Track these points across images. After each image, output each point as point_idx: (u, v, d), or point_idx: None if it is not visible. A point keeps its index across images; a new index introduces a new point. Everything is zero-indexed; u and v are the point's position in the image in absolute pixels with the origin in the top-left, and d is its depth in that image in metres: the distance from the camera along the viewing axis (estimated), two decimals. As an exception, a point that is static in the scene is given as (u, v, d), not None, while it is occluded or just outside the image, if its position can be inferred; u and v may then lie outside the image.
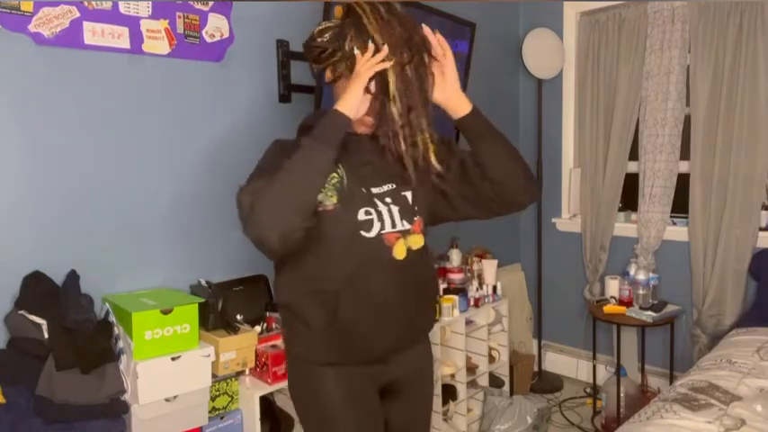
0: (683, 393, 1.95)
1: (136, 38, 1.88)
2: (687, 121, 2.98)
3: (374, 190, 1.30)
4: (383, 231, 1.28)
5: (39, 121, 1.73)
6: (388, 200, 1.30)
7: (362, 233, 1.26)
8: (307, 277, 1.29)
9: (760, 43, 2.70)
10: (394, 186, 1.32)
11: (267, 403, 2.00)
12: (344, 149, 1.26)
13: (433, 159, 1.27)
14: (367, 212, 1.27)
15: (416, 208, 1.34)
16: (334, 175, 1.26)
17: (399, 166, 1.28)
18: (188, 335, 1.75)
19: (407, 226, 1.31)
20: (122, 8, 1.84)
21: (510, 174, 1.32)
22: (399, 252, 1.29)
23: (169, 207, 2.01)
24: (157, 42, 1.93)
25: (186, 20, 1.99)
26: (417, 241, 1.33)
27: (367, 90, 1.21)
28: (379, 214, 1.28)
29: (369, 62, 1.18)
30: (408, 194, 1.33)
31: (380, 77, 1.21)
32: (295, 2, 2.30)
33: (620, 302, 2.96)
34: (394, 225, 1.29)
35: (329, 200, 1.25)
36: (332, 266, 1.27)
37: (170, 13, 1.95)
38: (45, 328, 1.61)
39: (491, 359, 2.94)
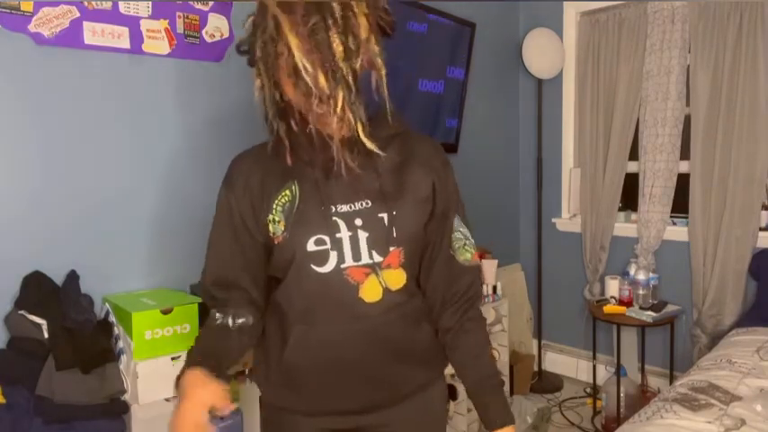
0: (683, 393, 1.95)
1: (136, 38, 1.88)
2: (687, 121, 2.98)
3: (340, 207, 1.02)
4: (343, 266, 1.00)
5: (38, 121, 1.73)
6: (357, 221, 1.01)
7: (314, 267, 1.00)
8: (277, 303, 1.11)
9: (760, 43, 2.70)
10: (368, 204, 1.02)
11: (267, 403, 2.00)
12: (311, 155, 1.02)
13: (364, 139, 0.95)
14: (319, 241, 1.00)
15: (395, 234, 1.02)
16: (286, 193, 1.03)
17: (384, 176, 1.05)
18: (188, 335, 1.75)
19: (378, 258, 1.02)
20: (122, 8, 1.84)
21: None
22: (370, 293, 1.02)
23: (169, 207, 2.01)
24: (157, 42, 1.93)
25: (186, 20, 1.99)
26: (396, 279, 1.04)
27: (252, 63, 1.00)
28: (337, 243, 1.00)
29: None
30: (385, 216, 1.02)
31: (286, 49, 0.92)
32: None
33: (620, 302, 2.96)
34: (358, 257, 1.01)
35: (278, 227, 1.02)
36: (289, 301, 1.07)
37: (170, 13, 1.95)
38: (45, 328, 1.61)
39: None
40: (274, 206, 1.03)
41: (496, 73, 3.45)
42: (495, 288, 2.90)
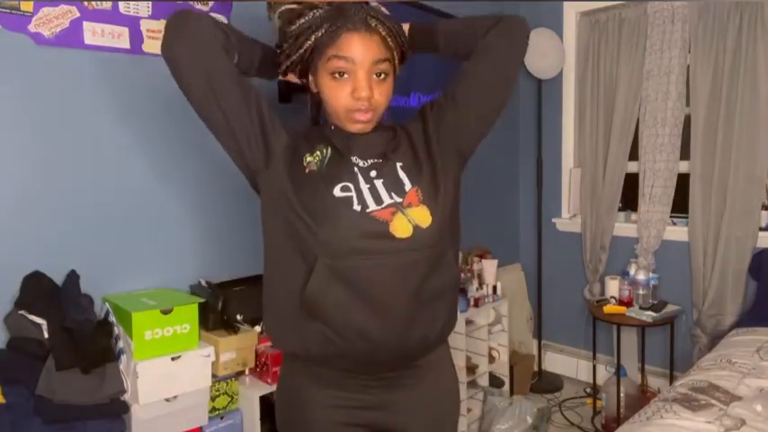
0: (683, 393, 1.95)
1: (136, 38, 1.88)
2: (687, 121, 2.98)
3: (359, 162, 1.13)
4: (368, 210, 1.07)
5: (38, 121, 1.73)
6: (372, 173, 1.12)
7: (341, 207, 1.08)
8: (292, 238, 1.11)
9: (760, 43, 2.70)
10: (379, 160, 1.15)
11: (267, 403, 2.00)
12: (343, 144, 1.15)
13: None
14: (344, 188, 1.09)
15: (410, 178, 1.13)
16: (317, 153, 1.14)
17: (401, 142, 1.18)
18: (188, 335, 1.75)
19: (397, 198, 1.10)
20: (122, 8, 1.84)
21: (474, 38, 1.19)
22: (400, 229, 1.07)
23: (169, 207, 2.01)
24: (157, 42, 1.92)
25: (186, 20, 1.99)
26: (423, 216, 1.09)
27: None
28: (358, 192, 1.09)
29: None
30: (398, 165, 1.14)
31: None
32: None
33: (620, 302, 2.96)
34: (380, 202, 1.09)
35: (315, 164, 1.12)
36: (313, 241, 1.07)
37: (170, 13, 1.95)
38: (45, 328, 1.61)
39: (491, 359, 2.94)
40: (315, 152, 1.14)
41: (496, 73, 3.45)
42: (495, 288, 2.90)
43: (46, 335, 1.61)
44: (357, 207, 1.07)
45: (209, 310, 1.89)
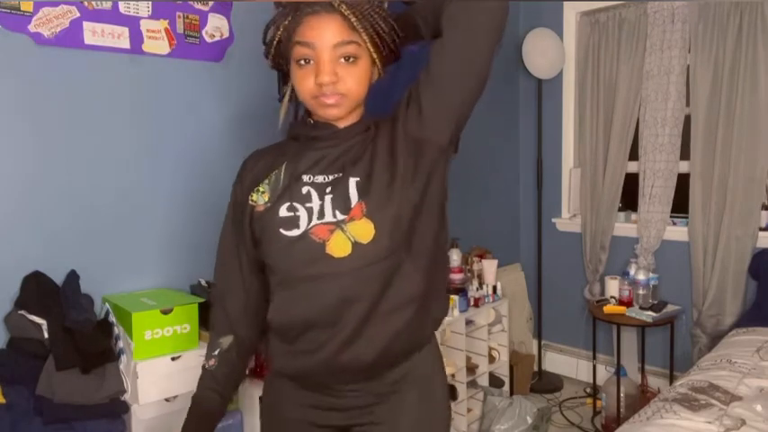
0: (683, 393, 1.94)
1: (136, 38, 1.88)
2: (687, 121, 2.98)
3: (316, 178, 1.08)
4: (309, 226, 1.04)
5: (39, 121, 1.73)
6: (327, 189, 1.06)
7: (282, 231, 1.05)
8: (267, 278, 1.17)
9: (760, 43, 2.70)
10: (340, 175, 1.07)
11: (267, 403, 2.00)
12: (308, 142, 1.11)
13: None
14: (291, 208, 1.05)
15: (360, 191, 1.05)
16: (264, 184, 1.12)
17: (367, 148, 1.10)
18: (188, 335, 1.75)
19: (340, 216, 1.03)
20: (122, 8, 1.84)
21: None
22: (337, 248, 1.02)
23: (169, 207, 2.01)
24: (157, 42, 1.93)
25: (186, 20, 1.99)
26: (364, 231, 1.02)
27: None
28: (308, 210, 1.05)
29: None
30: (353, 180, 1.06)
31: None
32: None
33: (620, 302, 2.96)
34: (322, 216, 1.04)
35: (261, 197, 1.10)
36: (270, 269, 1.11)
37: (170, 13, 1.95)
38: (45, 328, 1.61)
39: (491, 359, 2.94)
40: (264, 181, 1.12)
41: (496, 73, 3.42)
42: (495, 288, 2.90)
43: (46, 335, 1.61)
44: (297, 231, 1.04)
45: (209, 310, 1.89)
